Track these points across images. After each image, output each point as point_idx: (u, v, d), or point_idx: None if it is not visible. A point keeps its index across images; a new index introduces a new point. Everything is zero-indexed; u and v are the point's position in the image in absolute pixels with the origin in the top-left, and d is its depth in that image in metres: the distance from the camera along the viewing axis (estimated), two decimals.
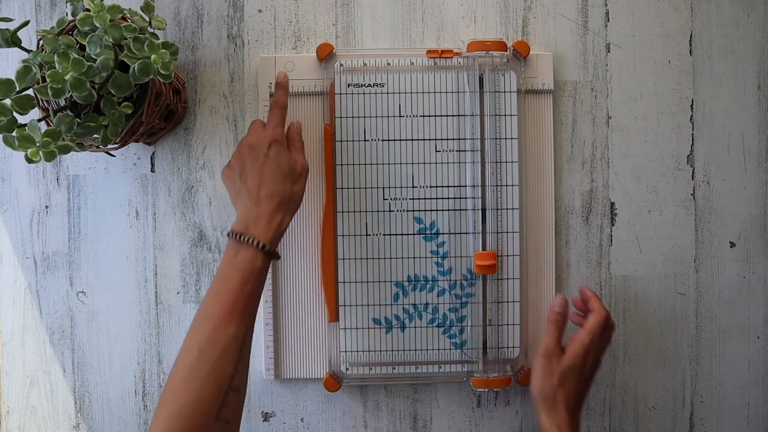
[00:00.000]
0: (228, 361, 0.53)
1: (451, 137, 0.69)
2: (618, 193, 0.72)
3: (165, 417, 0.50)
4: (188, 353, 0.53)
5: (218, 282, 0.56)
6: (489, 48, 0.68)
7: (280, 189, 0.59)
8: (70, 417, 0.71)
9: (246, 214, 0.58)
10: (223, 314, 0.54)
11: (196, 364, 0.52)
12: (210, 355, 0.52)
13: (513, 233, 0.69)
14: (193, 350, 0.53)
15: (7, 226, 0.70)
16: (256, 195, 0.59)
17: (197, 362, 0.52)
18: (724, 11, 0.72)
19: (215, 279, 0.56)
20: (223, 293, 0.55)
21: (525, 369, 0.70)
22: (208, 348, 0.53)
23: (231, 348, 0.53)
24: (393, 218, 0.69)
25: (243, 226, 0.58)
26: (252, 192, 0.59)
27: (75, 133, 0.53)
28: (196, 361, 0.52)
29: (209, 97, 0.71)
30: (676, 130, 0.72)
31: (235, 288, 0.55)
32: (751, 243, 0.73)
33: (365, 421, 0.71)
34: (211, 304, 0.55)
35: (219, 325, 0.53)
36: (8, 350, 0.70)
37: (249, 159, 0.60)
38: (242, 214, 0.59)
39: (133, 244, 0.70)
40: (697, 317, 0.72)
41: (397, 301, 0.69)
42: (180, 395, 0.51)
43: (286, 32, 0.71)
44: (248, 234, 0.57)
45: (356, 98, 0.69)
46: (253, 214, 0.58)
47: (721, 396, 0.73)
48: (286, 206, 0.60)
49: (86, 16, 0.52)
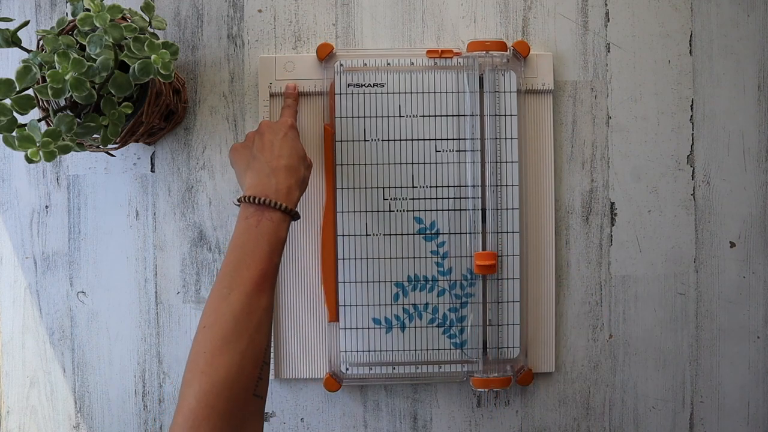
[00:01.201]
0: (262, 334, 0.51)
1: (451, 137, 0.69)
2: (618, 193, 0.72)
3: (204, 391, 0.46)
4: (222, 323, 0.49)
5: (242, 250, 0.53)
6: (489, 48, 0.68)
7: (297, 167, 0.59)
8: (70, 417, 0.71)
9: (263, 182, 0.57)
10: (254, 285, 0.51)
11: (232, 335, 0.49)
12: (247, 326, 0.50)
13: (513, 233, 0.69)
14: (228, 319, 0.49)
15: (7, 226, 0.70)
16: (276, 164, 0.58)
17: (234, 334, 0.49)
18: (724, 11, 0.72)
19: (236, 248, 0.54)
20: (253, 263, 0.52)
21: (525, 369, 0.70)
22: (245, 319, 0.50)
23: (264, 320, 0.51)
24: (393, 218, 0.69)
25: (260, 191, 0.56)
26: (271, 161, 0.58)
27: (75, 133, 0.53)
28: (232, 332, 0.49)
29: (209, 97, 0.71)
30: (676, 130, 0.72)
31: (263, 258, 0.53)
32: (751, 243, 0.73)
33: (365, 421, 0.71)
34: (239, 274, 0.52)
35: (252, 294, 0.51)
36: (8, 350, 0.70)
37: (268, 133, 0.60)
38: (256, 180, 0.57)
39: (133, 244, 0.70)
40: (697, 317, 0.72)
41: (397, 301, 0.69)
42: (219, 366, 0.47)
43: (286, 32, 0.71)
44: (269, 197, 0.55)
45: (356, 98, 0.69)
46: (272, 182, 0.57)
47: (721, 396, 0.73)
48: (300, 184, 0.59)
49: (86, 16, 0.52)
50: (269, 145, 0.59)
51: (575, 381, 0.72)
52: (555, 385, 0.72)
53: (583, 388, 0.72)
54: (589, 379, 0.72)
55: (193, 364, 0.48)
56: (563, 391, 0.72)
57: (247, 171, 0.59)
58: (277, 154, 0.58)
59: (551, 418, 0.72)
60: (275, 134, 0.60)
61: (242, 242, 0.54)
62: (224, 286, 0.52)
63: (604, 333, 0.72)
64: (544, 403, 0.72)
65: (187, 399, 0.46)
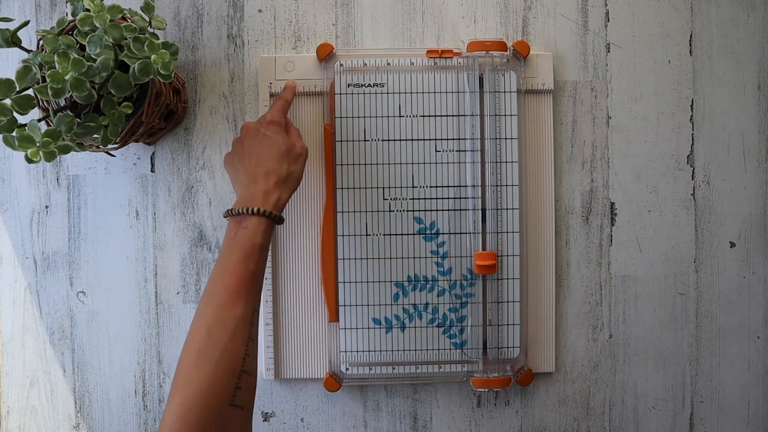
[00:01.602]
0: (239, 343, 0.51)
1: (451, 137, 0.69)
2: (618, 193, 0.72)
3: (178, 403, 0.48)
4: (196, 337, 0.51)
5: (220, 263, 0.54)
6: (489, 48, 0.68)
7: (276, 167, 0.59)
8: (70, 417, 0.71)
9: (244, 193, 0.58)
10: (228, 295, 0.52)
11: (204, 347, 0.50)
12: (220, 337, 0.50)
13: (513, 233, 0.69)
14: (201, 333, 0.51)
15: (7, 226, 0.70)
16: (253, 173, 0.58)
17: (206, 345, 0.50)
18: (724, 11, 0.72)
19: (217, 262, 0.55)
20: (226, 273, 0.53)
21: (525, 369, 0.70)
22: (217, 330, 0.51)
23: (240, 329, 0.51)
24: (393, 218, 0.69)
25: (240, 203, 0.57)
26: (249, 171, 0.59)
27: (75, 133, 0.53)
28: (204, 344, 0.50)
29: (209, 97, 0.71)
30: (676, 130, 0.72)
31: (236, 265, 0.54)
32: (751, 243, 0.73)
33: (365, 421, 0.71)
34: (215, 285, 0.53)
35: (225, 305, 0.52)
36: (8, 350, 0.70)
37: (246, 139, 0.61)
38: (240, 194, 0.59)
39: (133, 244, 0.70)
40: (697, 317, 0.72)
41: (397, 301, 0.69)
42: (192, 380, 0.49)
43: (286, 32, 0.71)
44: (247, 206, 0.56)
45: (356, 98, 0.69)
46: (251, 191, 0.58)
47: (721, 396, 0.73)
48: (283, 184, 0.59)
49: (86, 16, 0.52)
50: (248, 152, 0.60)
51: (575, 381, 0.72)
52: (555, 385, 0.72)
53: (583, 388, 0.72)
54: (589, 379, 0.72)
55: (174, 379, 0.50)
56: (563, 391, 0.72)
57: (235, 184, 0.61)
58: (254, 162, 0.59)
59: (551, 418, 0.72)
60: (253, 138, 0.61)
61: (221, 256, 0.55)
62: (203, 300, 0.53)
63: (604, 333, 0.72)
64: (544, 403, 0.72)
65: (166, 414, 0.48)
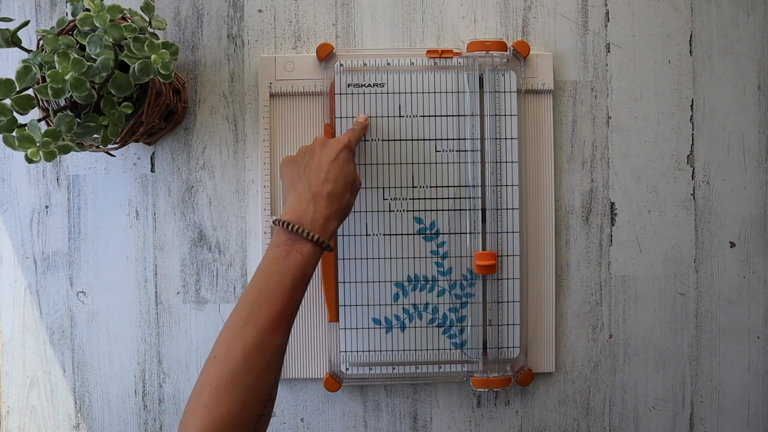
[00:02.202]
0: (272, 373, 0.51)
1: (451, 137, 0.69)
2: (618, 193, 0.72)
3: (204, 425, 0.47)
4: (230, 357, 0.50)
5: (265, 280, 0.53)
6: (489, 48, 0.68)
7: (341, 194, 0.57)
8: (70, 417, 0.71)
9: (302, 208, 0.55)
10: (271, 322, 0.51)
11: (240, 372, 0.49)
12: (256, 364, 0.50)
13: (513, 233, 0.69)
14: (237, 355, 0.50)
15: (7, 226, 0.70)
16: (318, 191, 0.56)
17: (242, 371, 0.49)
18: (724, 11, 0.72)
19: (262, 276, 0.53)
20: (272, 298, 0.52)
21: (525, 369, 0.70)
22: (255, 357, 0.50)
23: (275, 359, 0.51)
24: (393, 218, 0.69)
25: (296, 217, 0.55)
26: (314, 187, 0.56)
27: (75, 133, 0.53)
28: (241, 369, 0.49)
29: (209, 97, 0.71)
30: (676, 130, 0.72)
31: (285, 292, 0.52)
32: (751, 243, 0.73)
33: (365, 421, 0.71)
34: (257, 305, 0.52)
35: (266, 332, 0.51)
36: (8, 350, 0.70)
37: (320, 152, 0.59)
38: (295, 204, 0.56)
39: (133, 244, 0.70)
40: (697, 317, 0.72)
41: (397, 301, 0.69)
42: (223, 402, 0.48)
43: (286, 32, 0.71)
44: (303, 226, 0.54)
45: (356, 98, 0.69)
46: (311, 210, 0.55)
47: (721, 396, 0.73)
48: (341, 213, 0.57)
49: (86, 16, 0.52)
50: (317, 166, 0.58)
51: (575, 381, 0.72)
52: (555, 385, 0.72)
53: (583, 388, 0.72)
54: (589, 379, 0.72)
55: (198, 393, 0.49)
56: (563, 391, 0.72)
57: (290, 191, 0.58)
58: (323, 179, 0.57)
59: (551, 418, 0.72)
60: (326, 155, 0.58)
61: (268, 272, 0.53)
62: (241, 317, 0.52)
63: (604, 333, 0.72)
64: (544, 403, 0.72)
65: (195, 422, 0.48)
